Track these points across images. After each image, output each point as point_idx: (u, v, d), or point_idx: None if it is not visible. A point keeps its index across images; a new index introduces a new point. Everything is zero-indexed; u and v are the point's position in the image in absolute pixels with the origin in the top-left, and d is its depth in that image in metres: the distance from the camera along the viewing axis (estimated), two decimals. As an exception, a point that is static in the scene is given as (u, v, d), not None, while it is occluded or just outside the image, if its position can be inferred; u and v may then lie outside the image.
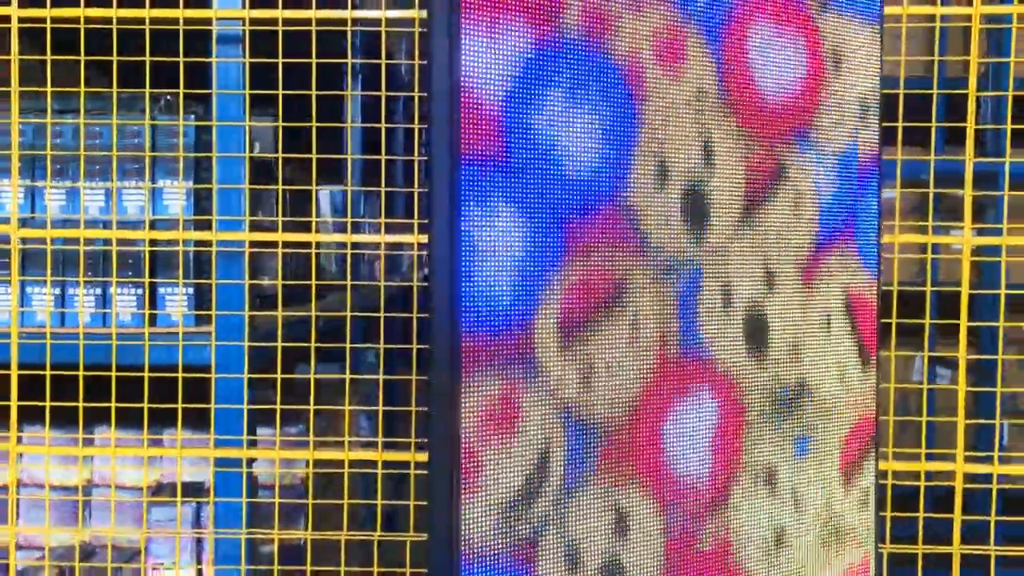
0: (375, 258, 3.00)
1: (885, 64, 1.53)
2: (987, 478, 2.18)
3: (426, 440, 1.49)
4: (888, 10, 2.00)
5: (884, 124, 1.54)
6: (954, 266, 3.89)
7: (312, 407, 2.13)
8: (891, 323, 2.13)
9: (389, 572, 2.21)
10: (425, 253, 1.43)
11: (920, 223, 2.35)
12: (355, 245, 2.29)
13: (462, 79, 1.08)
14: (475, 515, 1.09)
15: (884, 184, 1.55)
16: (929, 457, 2.14)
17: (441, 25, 1.09)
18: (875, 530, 1.55)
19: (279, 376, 2.08)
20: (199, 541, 2.39)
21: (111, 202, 2.16)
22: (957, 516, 2.14)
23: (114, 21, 2.04)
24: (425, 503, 1.36)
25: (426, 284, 1.16)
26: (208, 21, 2.08)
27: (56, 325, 2.17)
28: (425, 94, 1.25)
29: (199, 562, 2.38)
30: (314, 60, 2.05)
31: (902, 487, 2.15)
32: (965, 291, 2.12)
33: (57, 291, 2.19)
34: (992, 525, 2.16)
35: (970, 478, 2.18)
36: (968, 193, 2.12)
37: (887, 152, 2.10)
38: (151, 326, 2.17)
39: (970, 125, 2.09)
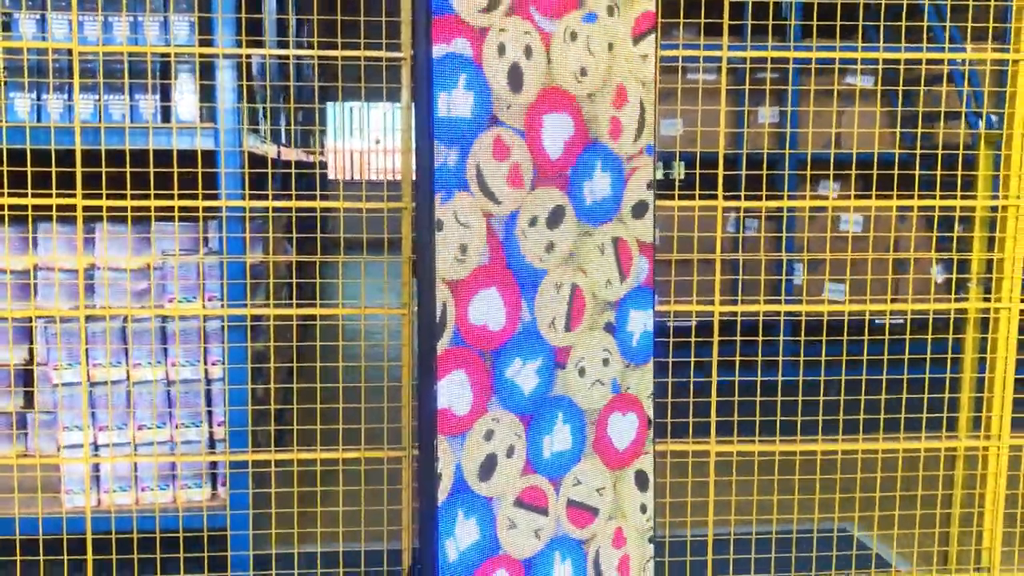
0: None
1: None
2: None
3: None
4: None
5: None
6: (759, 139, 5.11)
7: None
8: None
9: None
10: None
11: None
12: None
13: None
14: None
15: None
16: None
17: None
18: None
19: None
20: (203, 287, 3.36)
21: (140, 30, 3.06)
22: (715, 340, 3.29)
23: None
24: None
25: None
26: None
27: (94, 120, 3.06)
28: None
29: (204, 299, 3.34)
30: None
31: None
32: (721, 154, 3.26)
33: (96, 96, 3.07)
34: (737, 347, 3.32)
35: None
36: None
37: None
38: (167, 122, 3.10)
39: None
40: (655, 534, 2.51)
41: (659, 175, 5.01)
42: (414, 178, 2.21)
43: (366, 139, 13.13)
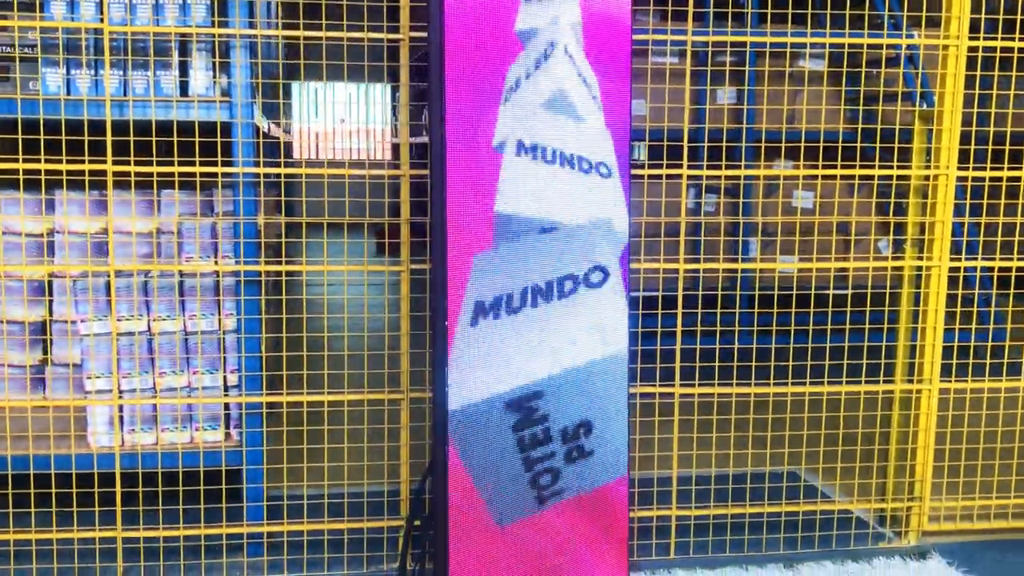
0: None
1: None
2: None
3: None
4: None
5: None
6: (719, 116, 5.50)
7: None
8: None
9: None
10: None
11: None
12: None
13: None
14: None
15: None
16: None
17: None
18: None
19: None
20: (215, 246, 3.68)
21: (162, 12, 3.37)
22: (679, 295, 3.68)
23: None
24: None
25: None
26: None
27: (120, 94, 3.38)
28: None
29: (216, 255, 3.67)
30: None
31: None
32: (685, 129, 3.63)
33: (122, 72, 3.38)
34: (700, 301, 3.72)
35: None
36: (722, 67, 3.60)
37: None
38: (185, 95, 3.42)
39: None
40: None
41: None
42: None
43: (367, 117, 13.54)
